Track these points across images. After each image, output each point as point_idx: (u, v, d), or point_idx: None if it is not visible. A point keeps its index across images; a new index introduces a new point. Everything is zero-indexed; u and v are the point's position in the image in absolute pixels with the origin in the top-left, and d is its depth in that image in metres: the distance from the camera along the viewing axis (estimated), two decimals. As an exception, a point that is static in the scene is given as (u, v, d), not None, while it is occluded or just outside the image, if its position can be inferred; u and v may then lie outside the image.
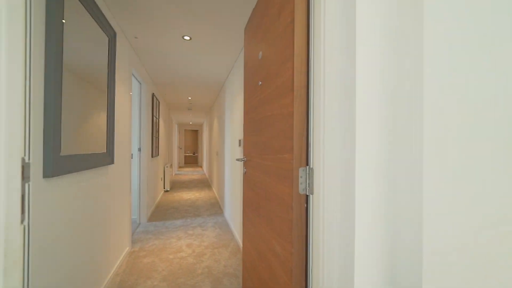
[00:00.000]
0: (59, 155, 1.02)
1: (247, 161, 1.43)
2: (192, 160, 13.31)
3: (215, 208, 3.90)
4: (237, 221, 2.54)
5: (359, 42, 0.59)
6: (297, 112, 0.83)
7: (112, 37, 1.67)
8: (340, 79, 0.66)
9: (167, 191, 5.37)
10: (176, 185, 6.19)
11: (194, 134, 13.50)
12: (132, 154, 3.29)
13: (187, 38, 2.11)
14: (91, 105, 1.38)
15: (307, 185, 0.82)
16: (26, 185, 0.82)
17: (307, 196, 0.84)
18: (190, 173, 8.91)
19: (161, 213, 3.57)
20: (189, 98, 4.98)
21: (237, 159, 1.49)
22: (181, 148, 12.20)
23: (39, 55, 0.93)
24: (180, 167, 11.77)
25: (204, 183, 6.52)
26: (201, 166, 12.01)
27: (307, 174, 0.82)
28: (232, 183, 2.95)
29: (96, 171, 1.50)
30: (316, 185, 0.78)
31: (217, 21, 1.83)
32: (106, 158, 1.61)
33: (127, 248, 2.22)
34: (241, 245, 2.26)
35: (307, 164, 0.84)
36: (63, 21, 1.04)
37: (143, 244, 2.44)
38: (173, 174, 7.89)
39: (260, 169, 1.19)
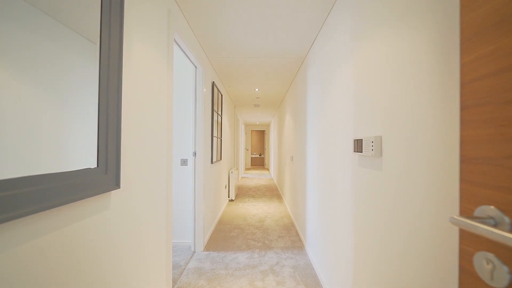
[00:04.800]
0: None
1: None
2: (258, 161, 12.75)
3: (291, 235, 2.84)
4: (342, 281, 1.38)
5: None
6: None
7: None
8: None
9: (231, 200, 4.66)
10: (242, 192, 5.46)
11: (260, 135, 12.91)
12: (185, 160, 2.59)
13: None
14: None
15: None
16: None
17: None
18: (256, 177, 8.18)
19: (222, 236, 2.76)
20: (256, 90, 4.10)
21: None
22: (247, 150, 11.79)
23: None
24: (246, 168, 11.33)
25: (273, 192, 5.57)
26: (267, 169, 11.25)
27: None
28: (327, 207, 1.81)
29: (61, 212, 0.65)
30: None
31: None
32: (95, 180, 0.76)
33: (164, 313, 1.40)
34: None
35: None
36: None
37: (191, 300, 1.60)
38: (239, 179, 7.30)
39: None
